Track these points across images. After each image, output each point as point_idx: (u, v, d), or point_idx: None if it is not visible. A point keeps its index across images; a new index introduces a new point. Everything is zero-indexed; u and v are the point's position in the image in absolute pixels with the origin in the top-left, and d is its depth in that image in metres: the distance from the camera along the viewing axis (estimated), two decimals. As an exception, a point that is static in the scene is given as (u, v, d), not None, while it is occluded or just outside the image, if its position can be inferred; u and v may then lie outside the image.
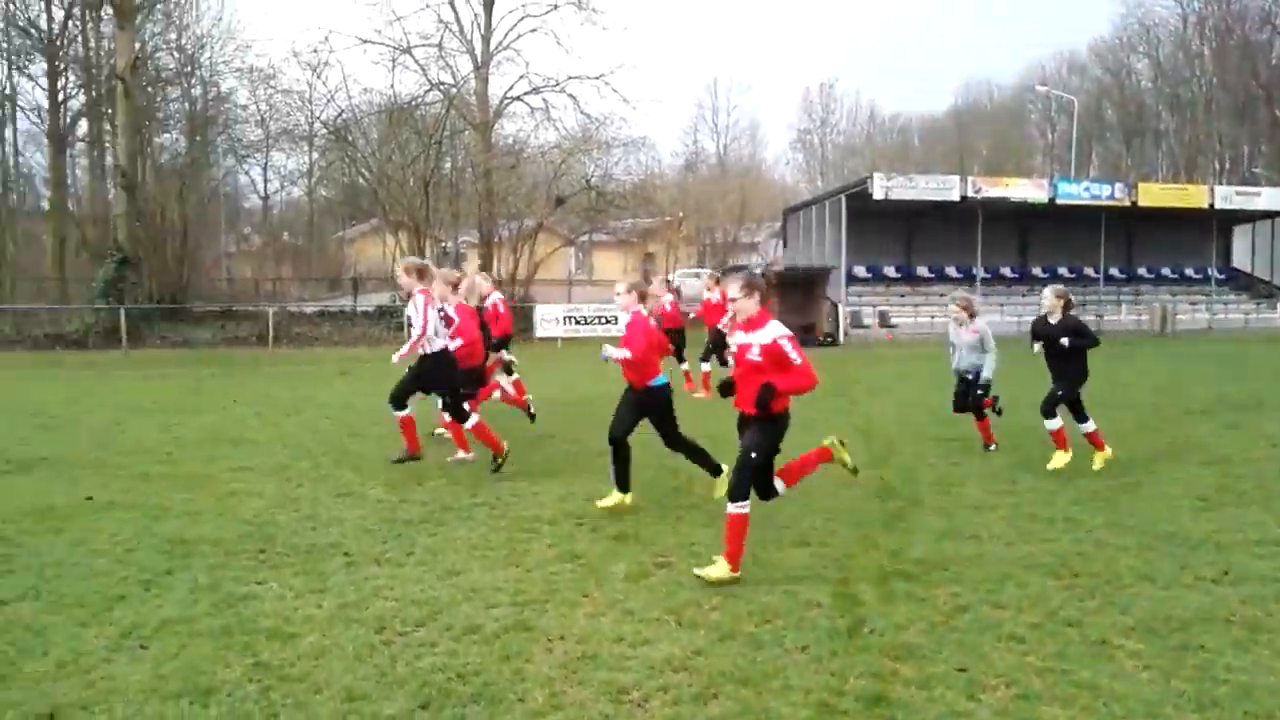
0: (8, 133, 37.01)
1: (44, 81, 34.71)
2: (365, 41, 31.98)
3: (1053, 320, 8.48)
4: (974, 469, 8.52)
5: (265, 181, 46.70)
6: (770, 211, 51.43)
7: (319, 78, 34.87)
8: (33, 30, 34.18)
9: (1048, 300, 8.53)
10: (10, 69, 35.36)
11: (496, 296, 11.49)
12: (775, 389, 5.39)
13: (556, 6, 32.82)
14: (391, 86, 35.64)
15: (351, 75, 51.93)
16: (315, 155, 41.86)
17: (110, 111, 32.39)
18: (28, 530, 6.58)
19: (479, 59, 33.06)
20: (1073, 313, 8.51)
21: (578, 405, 12.97)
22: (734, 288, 5.54)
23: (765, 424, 5.52)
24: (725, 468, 7.01)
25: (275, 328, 25.28)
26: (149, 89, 33.97)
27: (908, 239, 36.64)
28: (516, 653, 4.45)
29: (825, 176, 65.62)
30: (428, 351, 8.42)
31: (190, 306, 27.90)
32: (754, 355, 5.48)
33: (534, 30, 33.81)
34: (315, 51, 34.62)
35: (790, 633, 4.67)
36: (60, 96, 34.86)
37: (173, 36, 36.51)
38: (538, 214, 33.04)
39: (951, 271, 36.17)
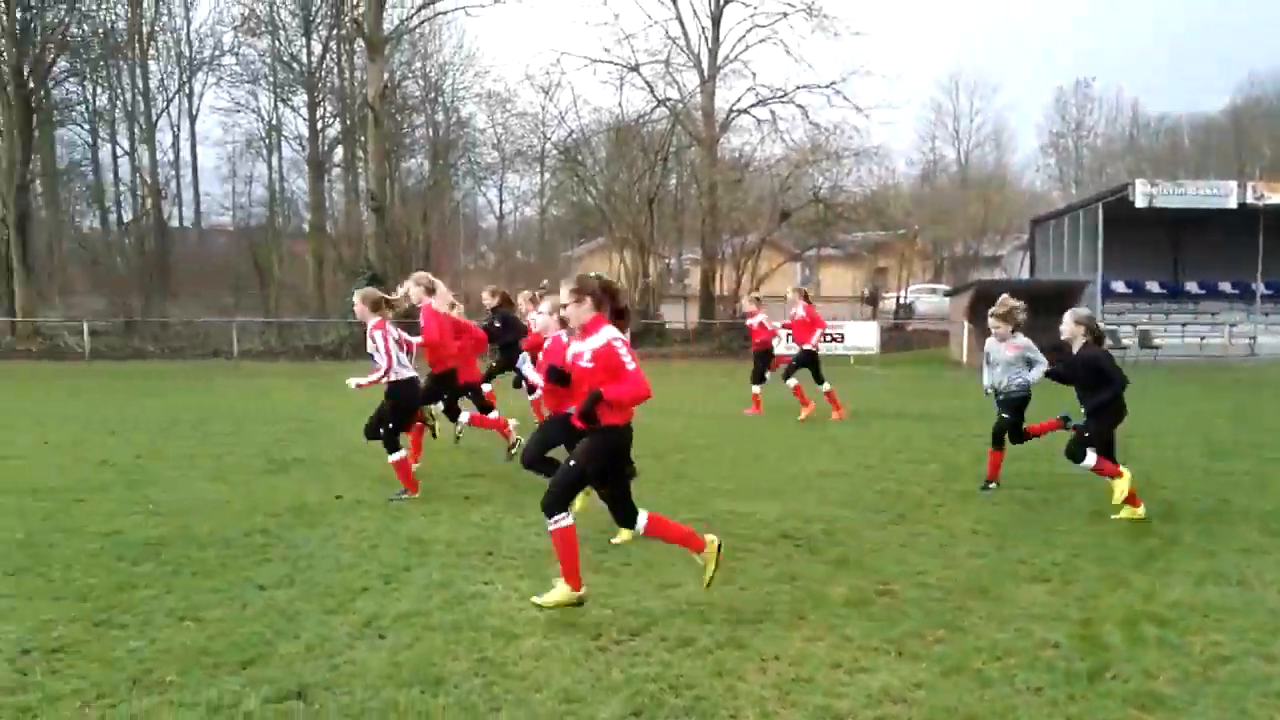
0: (274, 160, 41.52)
1: (305, 112, 38.70)
2: (594, 61, 33.40)
3: (1075, 350, 7.68)
4: (1245, 506, 7.77)
5: (500, 202, 49.68)
6: (1016, 222, 48.98)
7: (551, 99, 36.70)
8: (295, 64, 38.15)
9: (1067, 328, 7.68)
10: (276, 101, 39.66)
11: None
12: (601, 397, 5.12)
13: (786, 14, 32.94)
14: (619, 105, 36.97)
15: (581, 95, 54.27)
16: (546, 175, 44.13)
17: (362, 139, 35.52)
18: (285, 524, 7.35)
19: (705, 73, 33.66)
20: (1103, 344, 7.64)
21: (792, 422, 12.92)
22: (563, 293, 5.34)
23: (595, 436, 5.24)
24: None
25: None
26: (396, 116, 37.00)
27: (1174, 251, 33.87)
28: (729, 669, 4.52)
29: (1080, 184, 61.65)
30: (398, 379, 8.24)
31: (430, 321, 30.10)
32: (585, 363, 5.28)
33: (762, 40, 34.02)
34: (548, 74, 36.52)
35: (1022, 672, 4.47)
36: (319, 125, 38.67)
37: (418, 65, 39.67)
38: (762, 229, 33.14)
39: (1226, 287, 33.09)
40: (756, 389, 13.66)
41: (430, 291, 9.31)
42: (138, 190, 39.81)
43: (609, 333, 5.23)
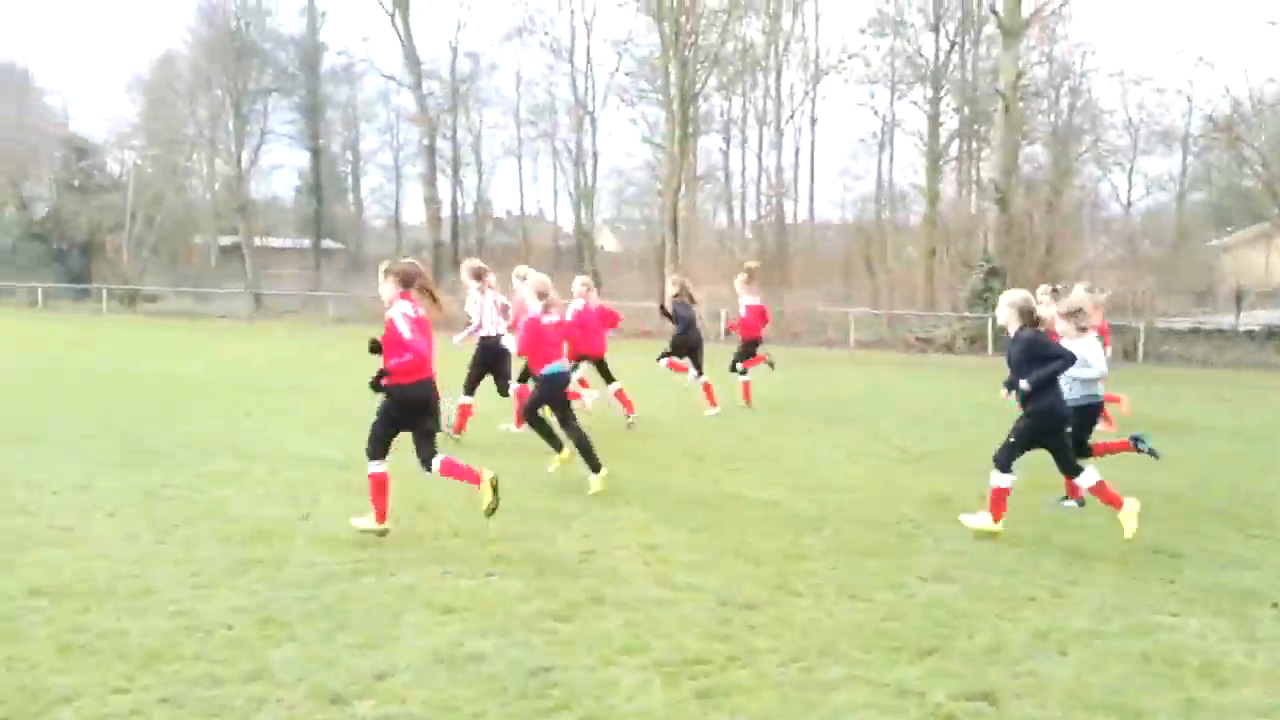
0: (884, 156, 42.72)
1: (925, 107, 39.03)
2: (1276, 22, 28.77)
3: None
4: None
5: (1129, 188, 45.46)
6: None
7: (1209, 68, 32.47)
8: (919, 60, 38.65)
9: (1001, 312, 7.03)
10: (893, 98, 40.67)
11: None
12: (384, 370, 6.39)
13: None
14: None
15: (1247, 62, 47.16)
16: (1189, 156, 39.35)
17: (981, 129, 34.84)
18: (929, 516, 7.40)
19: None
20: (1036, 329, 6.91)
21: None
22: (380, 272, 6.60)
23: (387, 395, 6.48)
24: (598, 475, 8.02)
25: (1144, 343, 24.40)
26: (1021, 103, 35.66)
27: None
28: None
29: None
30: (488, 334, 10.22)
31: (1045, 318, 28.56)
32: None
33: None
34: (1205, 41, 32.27)
35: None
36: (939, 119, 38.76)
37: (1046, 48, 37.75)
38: None
39: None
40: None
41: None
42: (761, 190, 43.72)
43: (396, 308, 6.44)
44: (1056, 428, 6.79)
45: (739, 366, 13.15)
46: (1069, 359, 6.73)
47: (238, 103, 39.67)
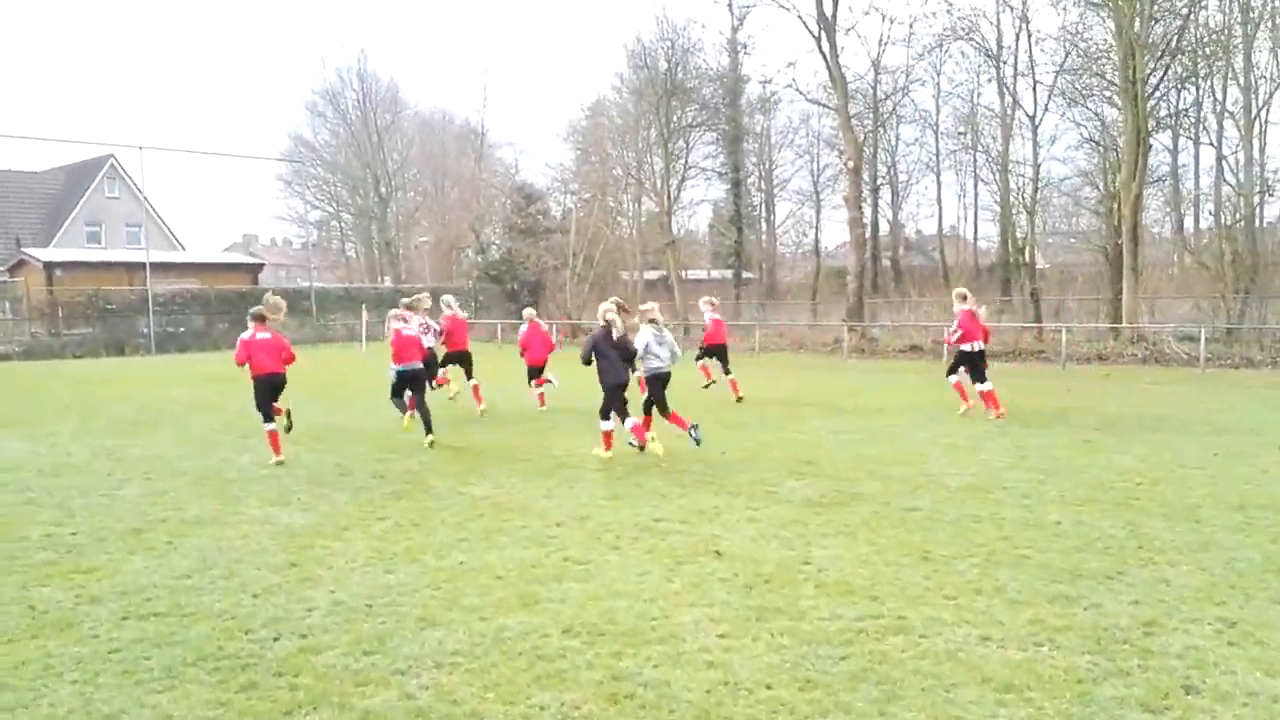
0: None
1: None
2: None
3: None
4: None
5: None
6: None
7: None
8: None
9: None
10: None
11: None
12: None
13: None
14: None
15: None
16: None
17: None
18: None
19: None
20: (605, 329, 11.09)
21: None
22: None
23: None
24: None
25: None
26: None
27: None
28: None
29: None
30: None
31: None
32: None
33: None
34: None
35: None
36: None
37: None
38: None
39: None
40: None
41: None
42: (1232, 186, 38.08)
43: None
44: (613, 392, 10.87)
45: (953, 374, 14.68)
46: (582, 356, 11.06)
47: (665, 141, 41.99)
